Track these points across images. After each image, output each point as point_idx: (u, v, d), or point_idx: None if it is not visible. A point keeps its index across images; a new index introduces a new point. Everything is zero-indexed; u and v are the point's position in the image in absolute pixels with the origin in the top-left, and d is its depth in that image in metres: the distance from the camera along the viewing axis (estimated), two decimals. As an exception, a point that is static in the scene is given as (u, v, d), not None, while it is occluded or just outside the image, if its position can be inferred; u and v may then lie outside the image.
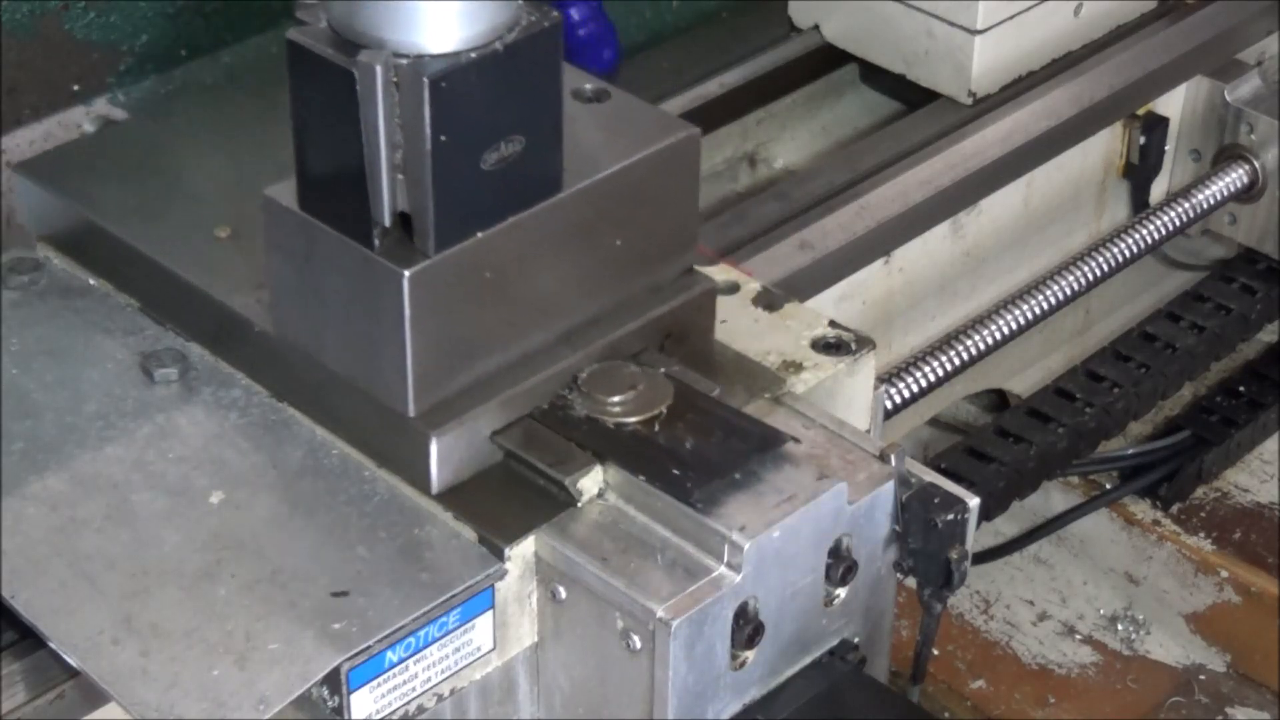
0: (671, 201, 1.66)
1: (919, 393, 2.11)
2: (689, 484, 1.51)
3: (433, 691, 1.51)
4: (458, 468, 1.55)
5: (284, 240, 1.56)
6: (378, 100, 1.42)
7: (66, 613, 1.47)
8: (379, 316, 1.51)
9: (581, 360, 1.60)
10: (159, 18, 2.27)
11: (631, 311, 1.64)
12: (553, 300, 1.59)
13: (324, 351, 1.58)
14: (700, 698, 1.51)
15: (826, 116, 2.54)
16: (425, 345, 1.51)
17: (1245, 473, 2.58)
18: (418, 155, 1.45)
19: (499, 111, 1.47)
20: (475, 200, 1.49)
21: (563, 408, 1.58)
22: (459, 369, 1.55)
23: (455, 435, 1.54)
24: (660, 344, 1.65)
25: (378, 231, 1.48)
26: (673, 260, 1.67)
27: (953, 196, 2.23)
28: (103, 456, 1.60)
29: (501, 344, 1.57)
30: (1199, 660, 2.45)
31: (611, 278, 1.63)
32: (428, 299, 1.49)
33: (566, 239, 1.57)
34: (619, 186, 1.59)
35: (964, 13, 2.27)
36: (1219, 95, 2.48)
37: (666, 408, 1.58)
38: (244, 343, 1.65)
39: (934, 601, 1.63)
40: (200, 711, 1.40)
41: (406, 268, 1.47)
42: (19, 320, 1.73)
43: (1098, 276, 2.30)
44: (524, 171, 1.51)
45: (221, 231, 1.73)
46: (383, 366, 1.53)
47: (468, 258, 1.50)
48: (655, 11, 2.65)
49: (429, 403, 1.53)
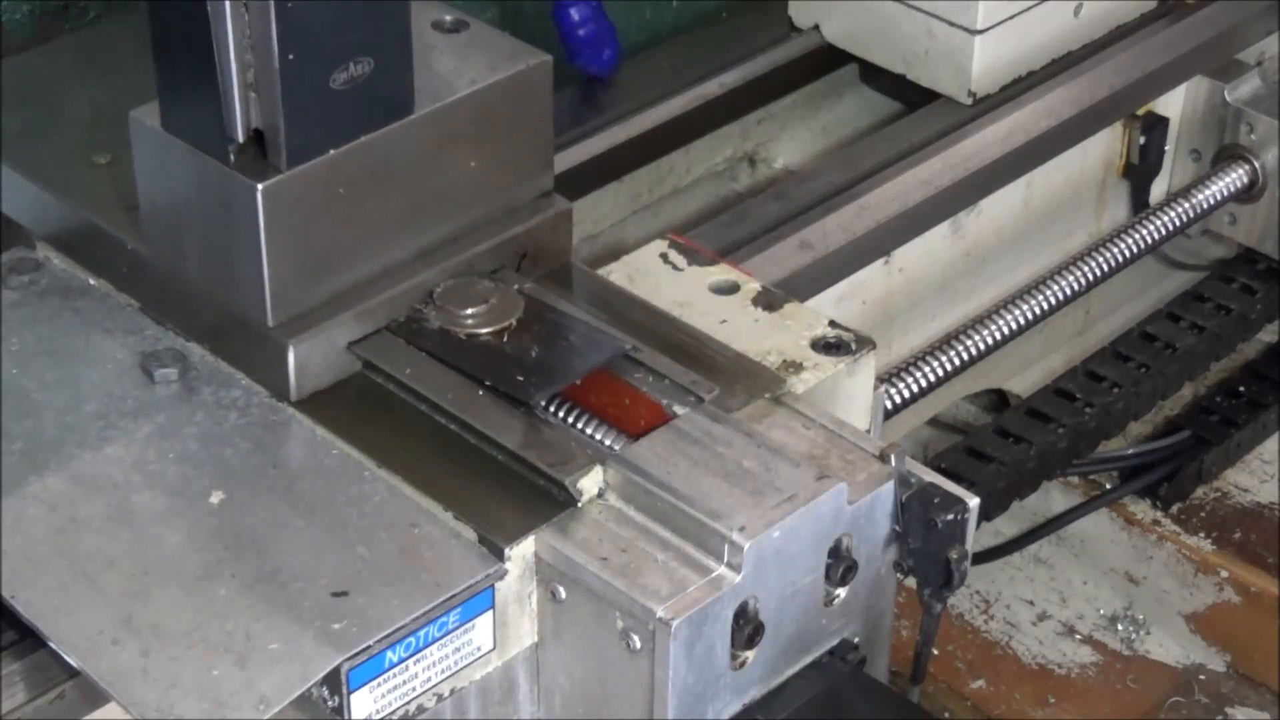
0: (525, 126, 1.72)
1: (919, 393, 2.11)
2: (531, 389, 1.58)
3: (433, 691, 1.51)
4: (316, 376, 1.64)
5: (150, 160, 1.64)
6: (226, 19, 1.50)
7: (66, 613, 1.47)
8: (236, 230, 1.58)
9: (437, 276, 1.69)
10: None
11: (487, 231, 1.72)
12: (408, 218, 1.66)
13: (189, 266, 1.66)
14: (700, 698, 1.51)
15: (826, 116, 2.54)
16: (281, 258, 1.59)
17: (1245, 473, 2.58)
18: (267, 73, 1.52)
19: (346, 32, 1.55)
20: (326, 118, 1.57)
21: (418, 320, 1.67)
22: (316, 282, 1.63)
23: (312, 344, 1.62)
24: (517, 264, 1.72)
25: (233, 148, 1.56)
26: (528, 183, 1.75)
27: (953, 196, 2.23)
28: (103, 456, 1.60)
29: (358, 259, 1.65)
30: (1199, 660, 2.45)
31: (466, 198, 1.70)
32: (282, 213, 1.57)
33: (419, 160, 1.64)
34: (471, 110, 1.67)
35: (964, 13, 2.27)
36: (1219, 95, 2.48)
37: (516, 320, 1.66)
38: (118, 261, 1.73)
39: (934, 601, 1.63)
40: (200, 711, 1.40)
41: (260, 181, 1.55)
42: (19, 320, 1.74)
43: (1098, 276, 2.30)
44: (374, 92, 1.58)
45: (101, 159, 1.79)
46: (242, 279, 1.61)
47: (320, 174, 1.58)
48: (655, 11, 2.65)
49: (287, 314, 1.62)
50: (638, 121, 2.32)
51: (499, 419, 1.60)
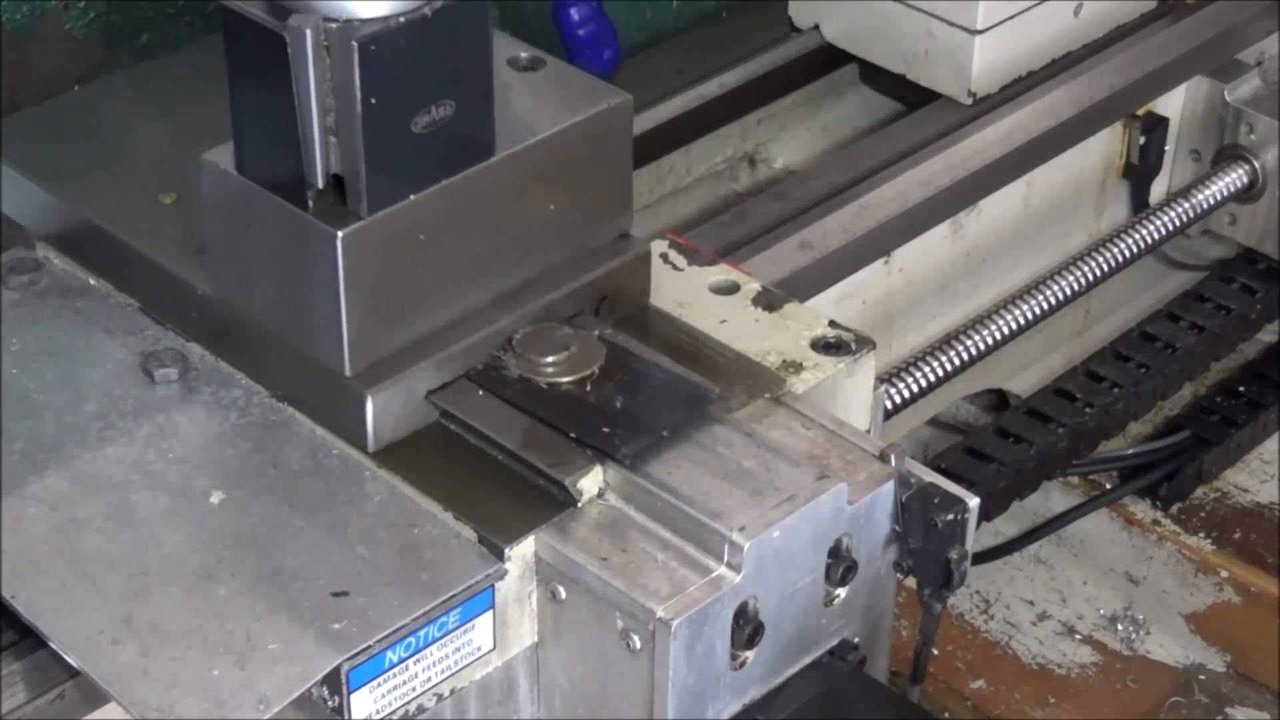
0: (605, 167, 1.68)
1: (919, 393, 2.11)
2: (617, 441, 1.54)
3: (433, 691, 1.51)
4: (394, 426, 1.59)
5: (222, 203, 1.59)
6: (308, 64, 1.46)
7: (66, 613, 1.47)
8: (314, 277, 1.54)
9: (516, 322, 1.64)
10: (159, 18, 2.27)
11: (566, 275, 1.67)
12: (487, 263, 1.62)
13: (262, 313, 1.61)
14: (700, 698, 1.51)
15: (826, 116, 2.54)
16: (360, 305, 1.54)
17: (1245, 473, 2.58)
18: (349, 118, 1.48)
19: (428, 75, 1.51)
20: (407, 163, 1.52)
21: (497, 368, 1.62)
22: (394, 329, 1.58)
23: (391, 394, 1.57)
24: (595, 308, 1.68)
25: (312, 193, 1.51)
26: (607, 225, 1.70)
27: (953, 196, 2.23)
28: (103, 456, 1.60)
29: (437, 305, 1.60)
30: (1199, 660, 2.45)
31: (546, 241, 1.66)
32: (361, 260, 1.52)
33: (499, 203, 1.60)
34: (551, 152, 1.62)
35: (964, 13, 2.27)
36: (1219, 95, 2.48)
37: (598, 368, 1.61)
38: (186, 306, 1.68)
39: (934, 601, 1.63)
40: (200, 711, 1.40)
41: (340, 228, 1.51)
42: (19, 320, 1.74)
43: (1098, 276, 2.30)
44: (455, 135, 1.54)
45: (167, 198, 1.76)
46: (319, 326, 1.56)
47: (400, 219, 1.54)
48: (655, 11, 2.65)
49: (365, 362, 1.57)
50: (637, 121, 2.30)
51: (499, 419, 1.60)
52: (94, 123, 1.88)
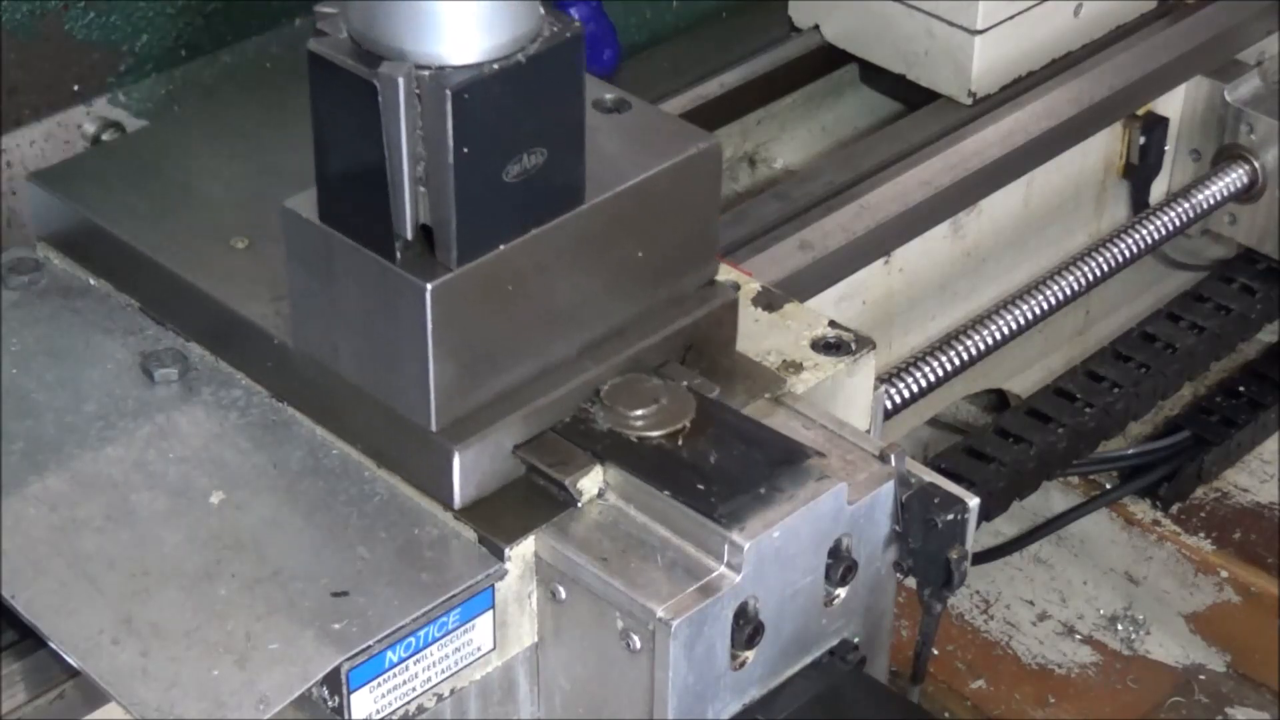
0: (693, 212, 1.63)
1: (919, 393, 2.11)
2: (713, 499, 1.50)
3: (433, 691, 1.51)
4: (480, 482, 1.54)
5: (304, 253, 1.54)
6: (400, 112, 1.40)
7: (66, 613, 1.47)
8: (400, 330, 1.49)
9: (603, 373, 1.59)
10: (159, 18, 2.27)
11: (653, 323, 1.62)
12: (574, 312, 1.57)
13: (344, 365, 1.56)
14: (700, 698, 1.51)
15: (826, 116, 2.54)
16: (447, 358, 1.49)
17: (1245, 473, 2.58)
18: (440, 167, 1.43)
19: (521, 123, 1.45)
20: (497, 212, 1.47)
21: (585, 421, 1.57)
22: (481, 382, 1.53)
23: (478, 449, 1.52)
24: (682, 356, 1.64)
25: (399, 244, 1.46)
26: (694, 271, 1.66)
27: (953, 196, 2.23)
28: (103, 456, 1.60)
29: (523, 357, 1.55)
30: (1199, 660, 2.45)
31: (633, 289, 1.61)
32: (450, 312, 1.47)
33: (588, 251, 1.55)
34: (641, 198, 1.57)
35: (964, 13, 2.27)
36: (1219, 95, 2.48)
37: (690, 421, 1.56)
38: (263, 355, 1.64)
39: (934, 601, 1.63)
40: (200, 711, 1.40)
41: (429, 281, 1.45)
42: (19, 320, 1.73)
43: (1098, 276, 2.30)
44: (546, 183, 1.49)
45: (239, 242, 1.72)
46: (404, 380, 1.51)
47: (489, 270, 1.49)
48: (655, 11, 2.65)
49: (451, 417, 1.52)
50: (638, 121, 2.31)
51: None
52: (162, 162, 1.83)
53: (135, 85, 2.27)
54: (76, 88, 2.23)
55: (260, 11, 2.35)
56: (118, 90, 2.26)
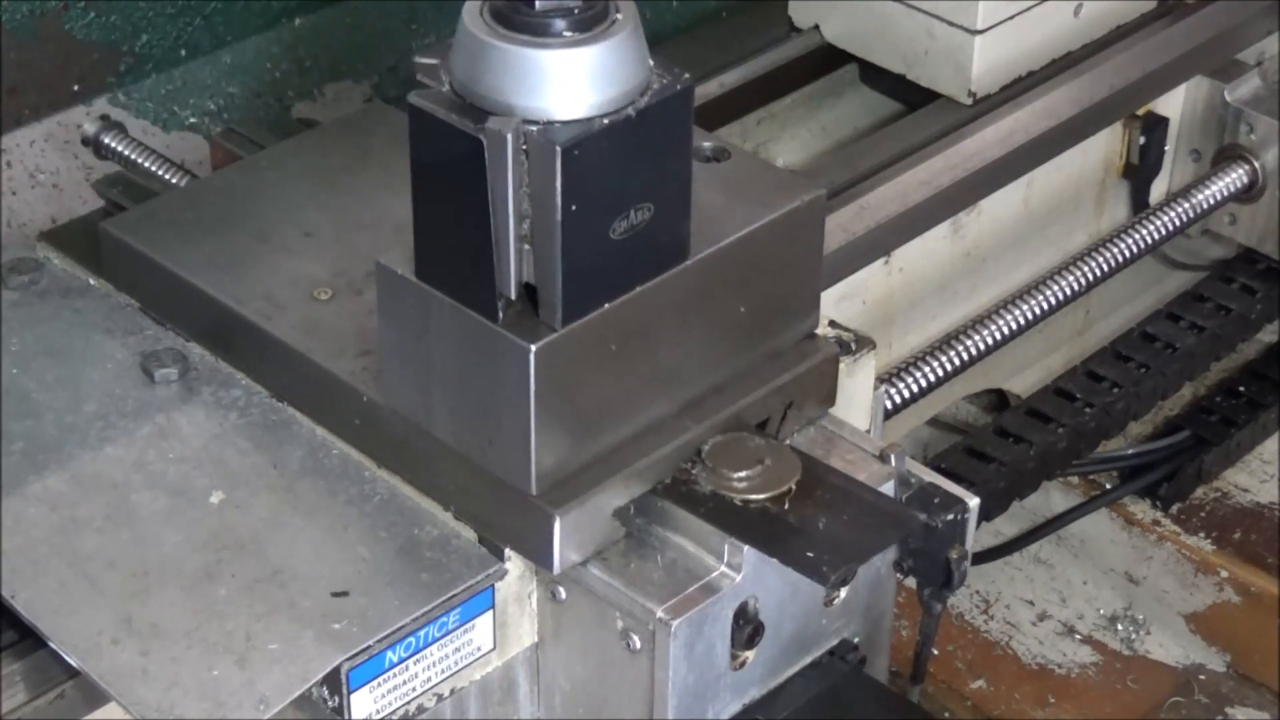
0: (797, 265, 1.60)
1: (919, 393, 2.11)
2: (824, 568, 1.46)
3: (433, 691, 1.51)
4: (581, 546, 1.51)
5: (398, 310, 1.50)
6: (508, 169, 1.37)
7: (66, 613, 1.47)
8: (501, 391, 1.46)
9: (705, 432, 1.55)
10: (159, 18, 2.27)
11: (754, 380, 1.59)
12: (676, 370, 1.54)
13: (437, 424, 1.52)
14: (700, 698, 1.51)
15: (826, 116, 2.54)
16: (548, 421, 1.46)
17: (1245, 473, 2.58)
18: (547, 226, 1.39)
19: (629, 179, 1.42)
20: (603, 270, 1.44)
21: (686, 482, 1.53)
22: (582, 444, 1.50)
23: (578, 514, 1.49)
24: (783, 414, 1.60)
25: (502, 304, 1.43)
26: (795, 325, 1.63)
27: (953, 196, 2.23)
28: (103, 456, 1.60)
29: (625, 417, 1.52)
30: (1199, 660, 2.45)
31: (735, 345, 1.58)
32: (552, 373, 1.44)
33: (691, 307, 1.52)
34: (745, 252, 1.54)
35: (964, 13, 2.27)
36: (1219, 95, 2.48)
37: (795, 483, 1.53)
38: (350, 412, 1.60)
39: (934, 601, 1.63)
40: (200, 711, 1.40)
41: (533, 342, 1.42)
42: (19, 320, 1.74)
43: (1098, 276, 2.29)
44: (652, 239, 1.45)
45: (322, 294, 1.68)
46: (503, 442, 1.48)
47: (594, 330, 1.45)
48: (655, 11, 2.65)
49: (551, 481, 1.49)
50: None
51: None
52: (240, 207, 1.79)
53: (135, 85, 2.27)
54: (76, 88, 2.24)
55: (260, 11, 2.35)
56: (118, 90, 2.27)
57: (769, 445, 1.55)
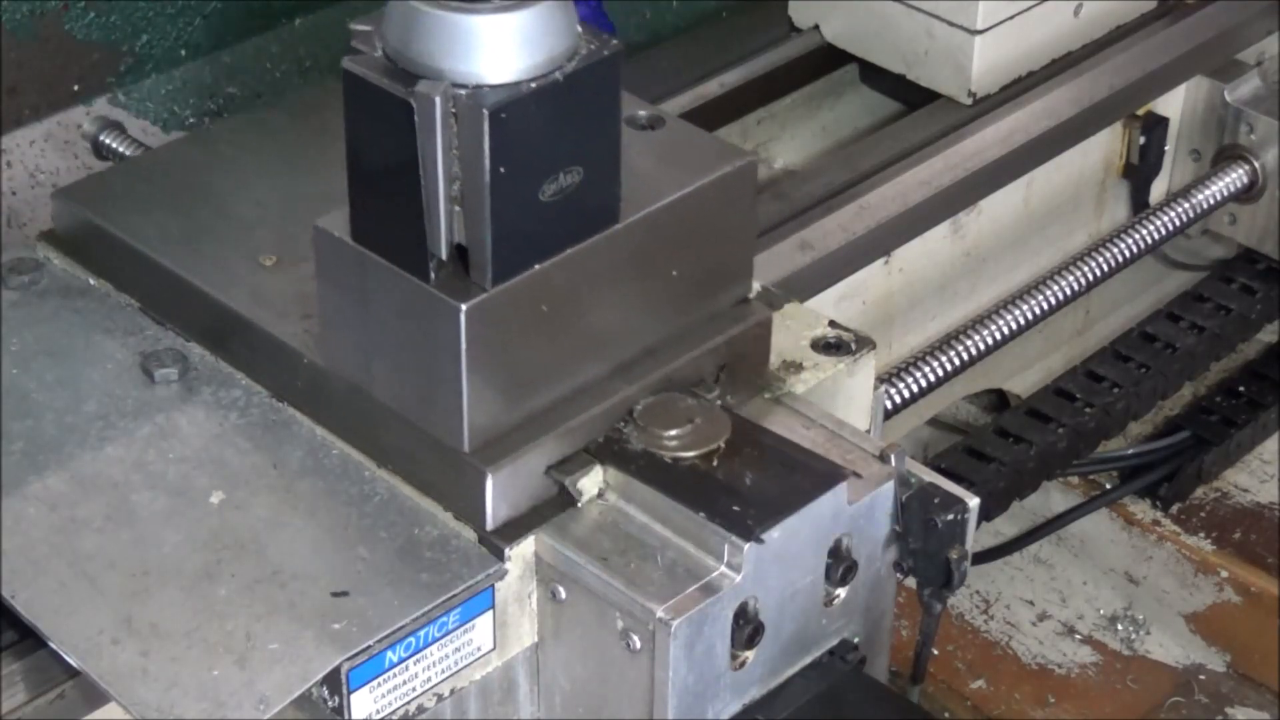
0: (728, 230, 1.62)
1: (919, 393, 2.11)
2: (750, 522, 1.48)
3: (433, 691, 1.51)
4: (513, 503, 1.53)
5: (335, 272, 1.53)
6: (436, 131, 1.39)
7: (66, 613, 1.47)
8: (434, 350, 1.48)
9: (638, 392, 1.57)
10: (159, 18, 2.27)
11: (688, 342, 1.61)
12: (609, 332, 1.56)
13: (375, 384, 1.55)
14: (700, 698, 1.51)
15: (826, 116, 2.54)
16: (481, 380, 1.48)
17: (1245, 473, 2.58)
18: (476, 187, 1.41)
19: (558, 142, 1.44)
20: (533, 232, 1.46)
21: (619, 441, 1.55)
22: (514, 403, 1.52)
23: (511, 471, 1.51)
24: (716, 376, 1.62)
25: (433, 264, 1.45)
26: (729, 290, 1.65)
27: (953, 196, 2.23)
28: (103, 456, 1.60)
29: (557, 377, 1.54)
30: (1199, 660, 2.45)
31: (668, 308, 1.60)
32: (484, 333, 1.46)
33: (623, 270, 1.54)
34: (676, 216, 1.56)
35: (964, 13, 2.27)
36: (1219, 95, 2.48)
37: (724, 442, 1.55)
38: (294, 375, 1.63)
39: (934, 601, 1.63)
40: (200, 711, 1.40)
41: (463, 301, 1.44)
42: (19, 320, 1.74)
43: (1098, 276, 2.29)
44: (582, 202, 1.47)
45: (268, 260, 1.71)
46: (437, 401, 1.50)
47: (524, 290, 1.47)
48: (655, 11, 2.65)
49: (484, 438, 1.51)
50: (638, 121, 2.32)
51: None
52: (192, 179, 1.82)
53: (135, 85, 2.27)
54: (76, 88, 2.24)
55: (260, 11, 2.35)
56: (118, 90, 2.27)
57: (700, 405, 1.57)
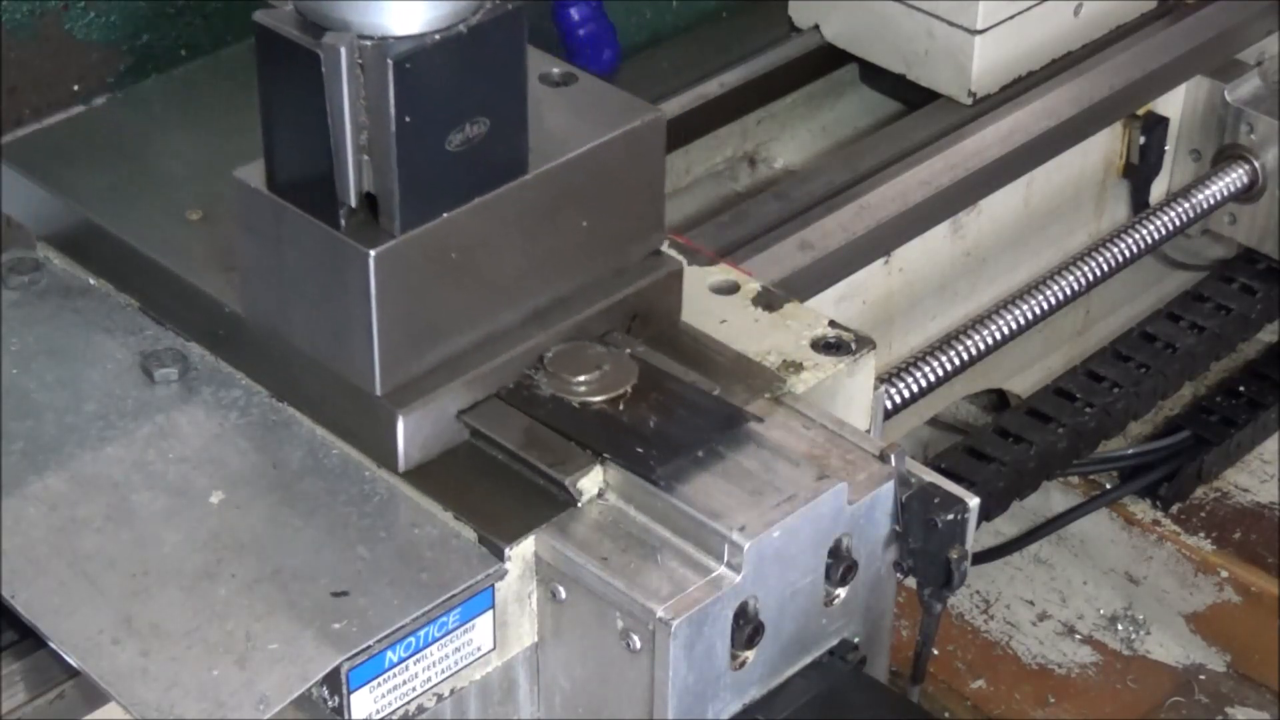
0: (637, 184, 1.66)
1: (919, 393, 2.11)
2: (652, 461, 1.53)
3: (433, 691, 1.51)
4: (425, 446, 1.57)
5: (253, 221, 1.57)
6: (343, 82, 1.44)
7: (66, 613, 1.47)
8: (346, 296, 1.52)
9: (548, 340, 1.62)
10: (159, 18, 2.27)
11: (598, 293, 1.65)
12: (519, 281, 1.61)
13: (292, 331, 1.60)
14: (700, 698, 1.51)
15: (826, 116, 2.54)
16: (392, 324, 1.53)
17: (1245, 473, 2.58)
18: (382, 136, 1.46)
19: (463, 93, 1.49)
20: (440, 181, 1.51)
21: (529, 387, 1.60)
22: (426, 348, 1.57)
23: (422, 414, 1.56)
24: (627, 325, 1.67)
25: (344, 212, 1.50)
26: (640, 242, 1.69)
27: (953, 196, 2.23)
28: (103, 456, 1.60)
29: (468, 324, 1.59)
30: (1199, 660, 2.45)
31: (578, 259, 1.64)
32: (394, 279, 1.51)
33: (532, 220, 1.58)
34: (585, 169, 1.61)
35: (964, 13, 2.27)
36: (1219, 95, 2.48)
37: (631, 387, 1.60)
38: (216, 324, 1.67)
39: (934, 601, 1.63)
40: (200, 711, 1.40)
41: (372, 247, 1.49)
42: (19, 320, 1.74)
43: (1098, 276, 2.30)
44: (489, 153, 1.52)
45: (193, 214, 1.75)
46: (350, 346, 1.55)
47: (433, 238, 1.52)
48: (655, 11, 2.65)
49: (396, 382, 1.55)
50: (637, 121, 2.32)
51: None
52: (120, 136, 1.86)
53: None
54: (76, 88, 2.24)
55: (260, 11, 2.35)
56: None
57: (609, 352, 1.62)
